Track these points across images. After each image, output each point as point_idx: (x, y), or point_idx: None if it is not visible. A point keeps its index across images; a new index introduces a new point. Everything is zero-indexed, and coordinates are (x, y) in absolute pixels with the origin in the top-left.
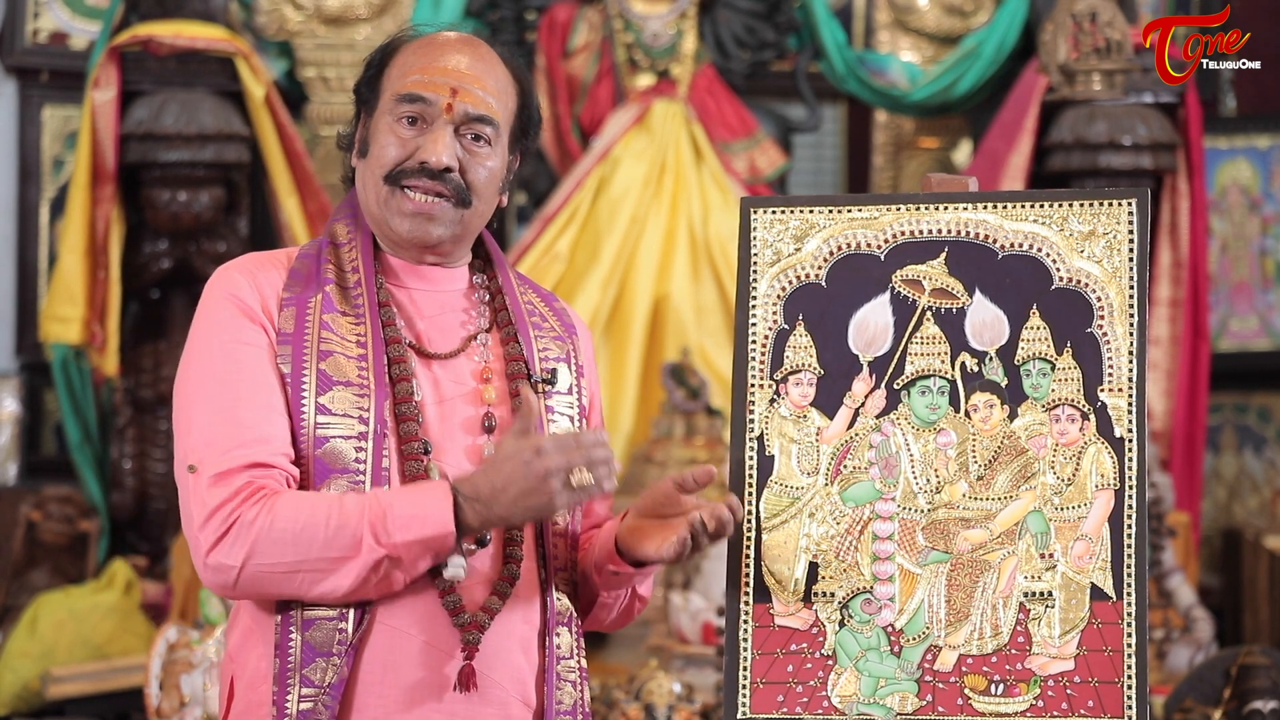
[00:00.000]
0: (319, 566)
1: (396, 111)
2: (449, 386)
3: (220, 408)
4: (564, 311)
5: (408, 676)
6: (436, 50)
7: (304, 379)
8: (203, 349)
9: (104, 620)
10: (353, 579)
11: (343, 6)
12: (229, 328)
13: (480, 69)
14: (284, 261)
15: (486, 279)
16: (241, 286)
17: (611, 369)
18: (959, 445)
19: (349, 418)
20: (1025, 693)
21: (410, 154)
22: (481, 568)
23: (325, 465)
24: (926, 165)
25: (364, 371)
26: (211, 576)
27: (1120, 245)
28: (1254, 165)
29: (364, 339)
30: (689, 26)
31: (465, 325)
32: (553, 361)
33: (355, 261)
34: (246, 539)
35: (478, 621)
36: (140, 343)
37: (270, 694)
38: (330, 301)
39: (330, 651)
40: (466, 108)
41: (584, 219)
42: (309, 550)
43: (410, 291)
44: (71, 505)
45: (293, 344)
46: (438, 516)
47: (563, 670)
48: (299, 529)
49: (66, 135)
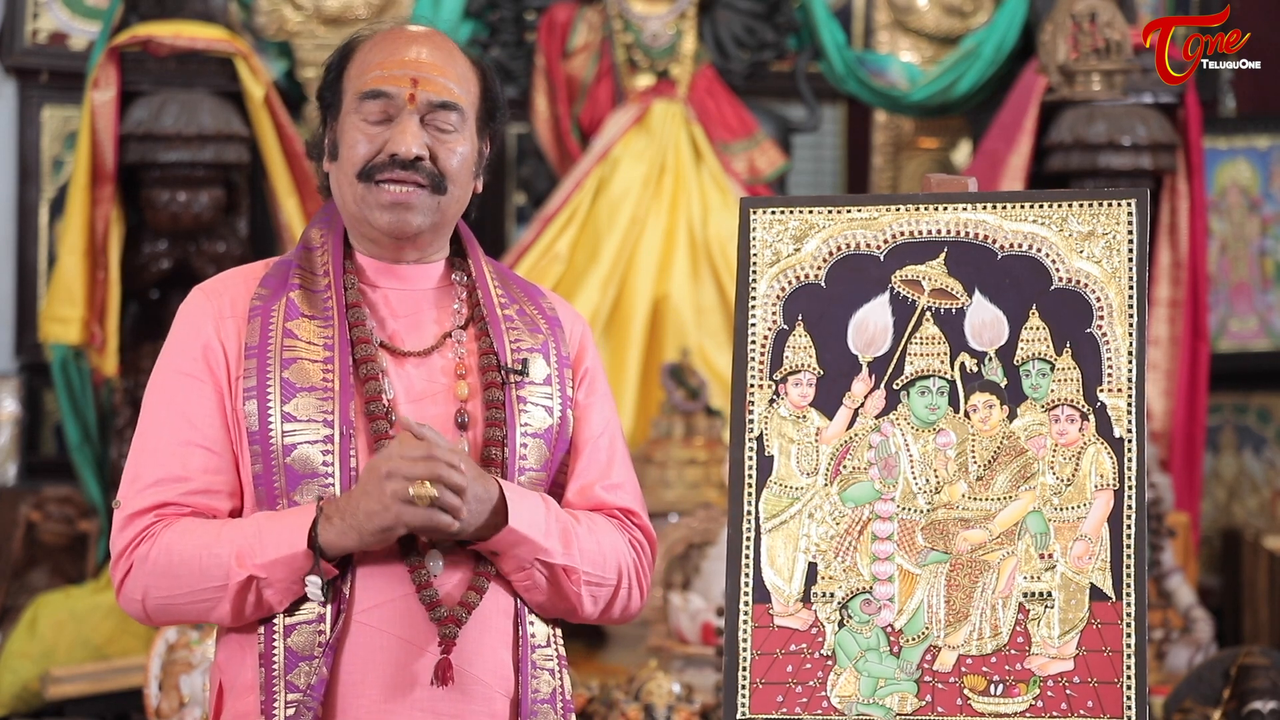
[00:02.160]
0: (204, 596)
1: (361, 110)
2: (421, 384)
3: (147, 444)
4: (551, 306)
5: (388, 675)
6: (392, 44)
7: (269, 390)
8: (153, 380)
9: (104, 620)
10: (229, 603)
11: (342, 6)
12: (174, 358)
13: (439, 57)
14: (260, 272)
15: (464, 275)
16: (200, 312)
17: (611, 369)
18: (958, 445)
19: (314, 422)
20: (1024, 693)
21: (380, 148)
22: (458, 564)
23: (295, 472)
24: (926, 165)
25: (329, 374)
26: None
27: (1120, 246)
28: (1254, 165)
29: (331, 341)
30: (688, 27)
31: (440, 322)
32: (524, 352)
33: (326, 264)
34: (141, 576)
35: (454, 616)
36: (140, 343)
37: (258, 704)
38: (295, 307)
39: (311, 654)
40: (429, 96)
41: (583, 219)
42: (191, 581)
43: (384, 291)
44: (71, 505)
45: (257, 356)
46: (294, 536)
47: (539, 659)
48: (178, 561)
49: (66, 135)
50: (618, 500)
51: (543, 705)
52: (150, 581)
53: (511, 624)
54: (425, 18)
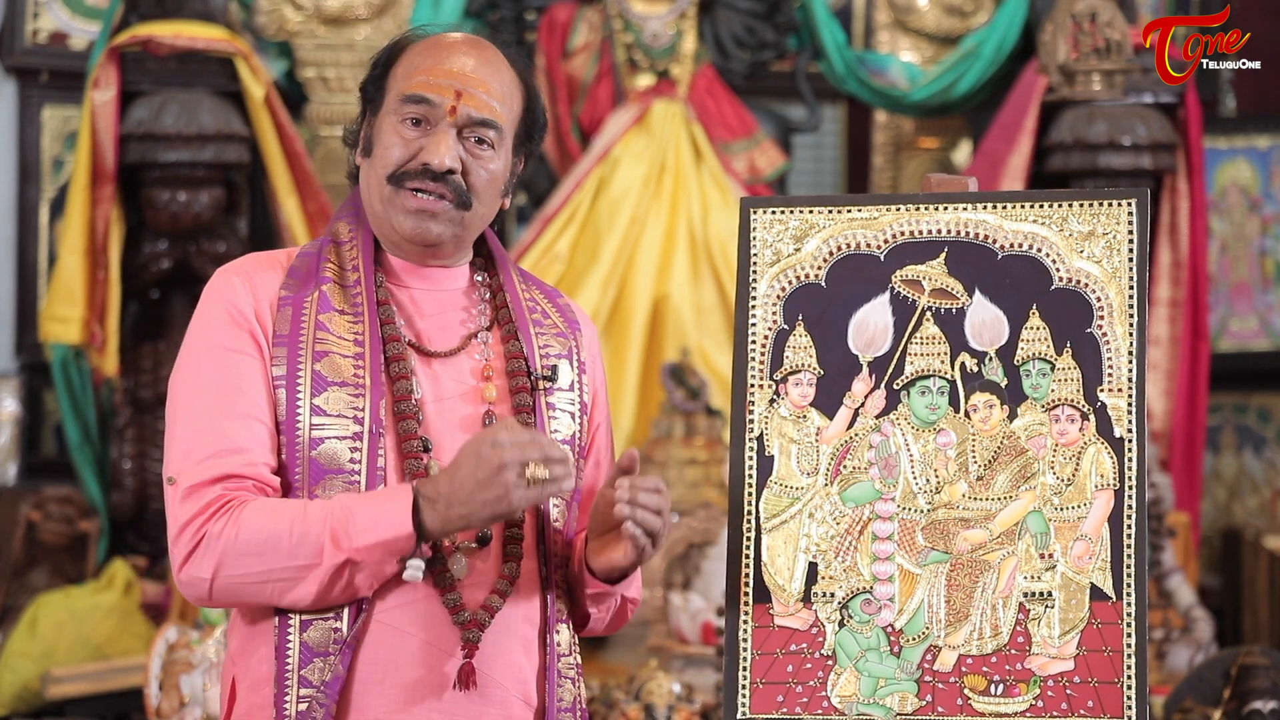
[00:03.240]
0: (286, 575)
1: (401, 112)
2: (449, 385)
3: (199, 418)
4: (567, 308)
5: (407, 676)
6: (442, 52)
7: (299, 381)
8: (190, 356)
9: (104, 620)
10: (317, 585)
11: (342, 6)
12: (216, 333)
13: (486, 72)
14: (284, 261)
15: (488, 277)
16: (236, 289)
17: (611, 369)
18: (959, 445)
19: (343, 418)
20: (1025, 693)
21: (413, 155)
22: (483, 566)
23: (320, 466)
24: (926, 165)
25: (360, 371)
26: (187, 590)
27: (1120, 245)
28: (1254, 165)
29: (361, 337)
30: (689, 27)
31: (465, 324)
32: (554, 358)
33: (356, 260)
34: (214, 552)
35: (478, 620)
36: (140, 343)
37: (271, 697)
38: (327, 300)
39: (327, 651)
40: (470, 111)
41: (584, 219)
42: (275, 560)
43: (411, 290)
44: (71, 505)
45: (288, 345)
46: (396, 519)
47: (563, 668)
48: (263, 539)
49: (66, 135)
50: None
51: (565, 714)
52: (227, 559)
53: (537, 631)
54: (425, 18)
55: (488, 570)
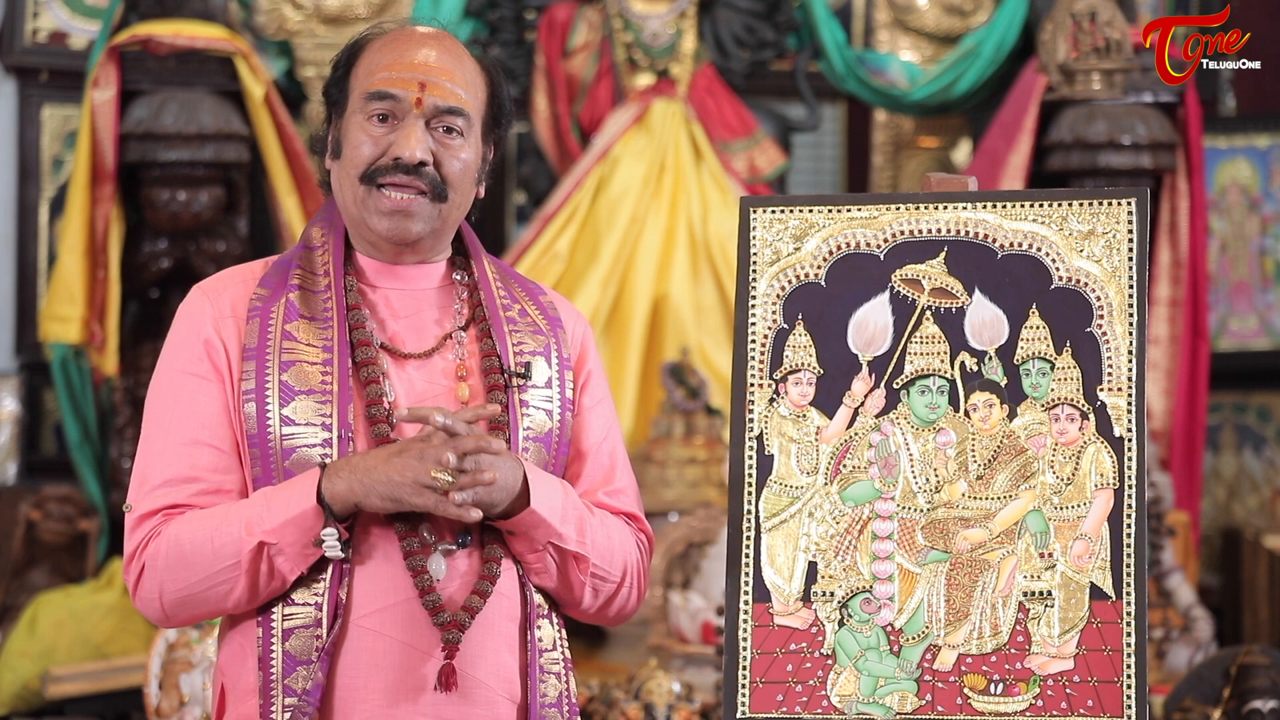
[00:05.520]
0: (221, 578)
1: (367, 110)
2: (423, 386)
3: (154, 445)
4: (550, 305)
5: (389, 679)
6: (402, 46)
7: (267, 392)
8: (155, 381)
9: (104, 620)
10: (247, 579)
11: (342, 6)
12: (177, 358)
13: (447, 61)
14: (259, 272)
15: (466, 274)
16: (201, 311)
17: (611, 369)
18: (958, 445)
19: (312, 425)
20: (1024, 692)
21: (384, 151)
22: (462, 568)
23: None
24: (926, 165)
25: (328, 377)
26: (145, 613)
27: (1120, 245)
28: (1253, 165)
29: (330, 343)
30: (688, 26)
31: (441, 323)
32: (528, 355)
33: (327, 264)
34: (155, 571)
35: (458, 621)
36: (140, 342)
37: (258, 707)
38: (293, 308)
39: (309, 659)
40: (436, 101)
41: (583, 218)
42: (207, 565)
43: (384, 291)
44: (71, 505)
45: (256, 358)
46: (301, 494)
47: (546, 663)
48: (191, 547)
49: (66, 135)
50: (621, 505)
51: (550, 710)
52: (164, 576)
53: (519, 629)
54: (425, 17)
55: (468, 571)
